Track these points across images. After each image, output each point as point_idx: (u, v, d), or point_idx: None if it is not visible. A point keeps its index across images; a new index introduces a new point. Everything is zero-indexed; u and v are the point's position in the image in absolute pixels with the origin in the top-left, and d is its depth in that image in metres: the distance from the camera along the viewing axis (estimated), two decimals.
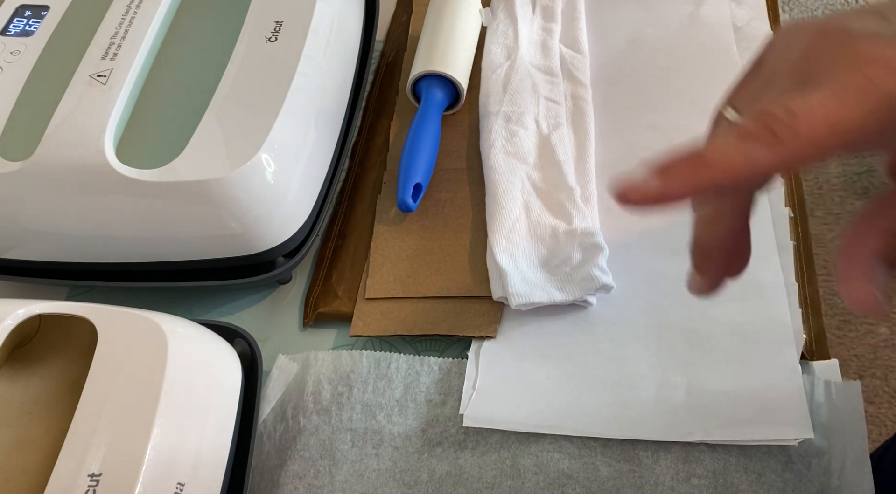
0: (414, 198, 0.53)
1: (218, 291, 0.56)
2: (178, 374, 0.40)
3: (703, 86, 0.59)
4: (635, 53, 0.62)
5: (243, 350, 0.49)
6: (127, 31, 0.53)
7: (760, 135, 0.25)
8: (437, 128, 0.57)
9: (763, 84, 0.30)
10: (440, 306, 0.51)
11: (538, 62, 0.61)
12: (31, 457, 0.42)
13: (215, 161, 0.47)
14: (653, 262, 0.51)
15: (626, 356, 0.48)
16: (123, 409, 0.39)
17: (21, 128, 0.50)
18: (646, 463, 0.44)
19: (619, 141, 0.58)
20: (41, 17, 0.56)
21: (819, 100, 0.25)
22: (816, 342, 0.47)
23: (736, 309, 0.48)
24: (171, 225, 0.48)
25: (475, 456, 0.46)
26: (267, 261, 0.51)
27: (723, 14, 0.63)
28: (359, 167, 0.61)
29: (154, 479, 0.37)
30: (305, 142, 0.51)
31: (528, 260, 0.51)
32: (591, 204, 0.53)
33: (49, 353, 0.47)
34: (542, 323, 0.50)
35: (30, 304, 0.43)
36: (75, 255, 0.52)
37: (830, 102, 0.25)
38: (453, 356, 0.50)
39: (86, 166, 0.47)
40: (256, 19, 0.54)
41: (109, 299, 0.47)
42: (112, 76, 0.50)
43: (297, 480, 0.46)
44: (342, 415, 0.48)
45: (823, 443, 0.43)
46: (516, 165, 0.55)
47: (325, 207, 0.54)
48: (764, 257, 0.50)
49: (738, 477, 0.43)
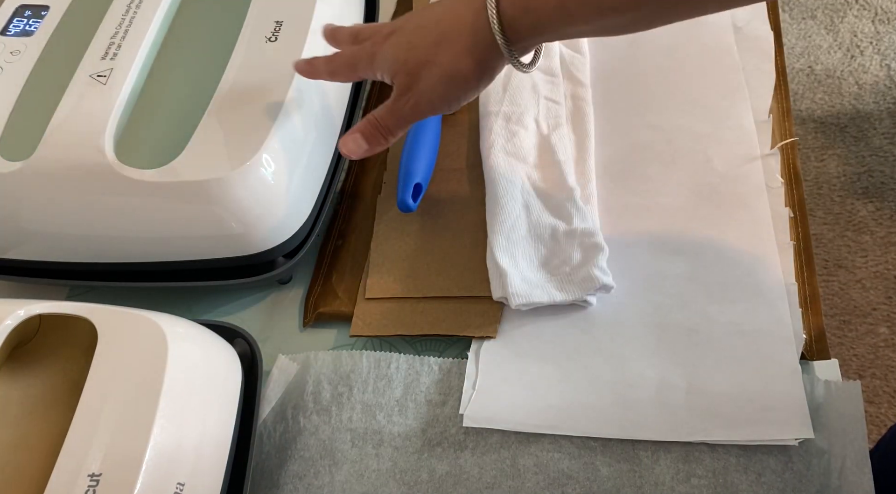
0: (414, 198, 0.53)
1: (218, 291, 0.56)
2: (178, 374, 0.40)
3: (703, 86, 0.59)
4: (635, 53, 0.63)
5: (243, 350, 0.49)
6: (127, 31, 0.53)
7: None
8: (437, 128, 0.57)
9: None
10: (440, 306, 0.51)
11: (538, 62, 0.61)
12: (31, 457, 0.42)
13: (215, 161, 0.47)
14: (653, 262, 0.51)
15: (626, 356, 0.48)
16: (123, 409, 0.39)
17: (21, 128, 0.50)
18: (646, 463, 0.44)
19: (619, 141, 0.58)
20: (41, 17, 0.56)
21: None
22: (816, 342, 0.47)
23: (736, 309, 0.48)
24: (171, 225, 0.48)
25: (475, 456, 0.46)
26: (267, 261, 0.51)
27: (723, 14, 0.63)
28: (359, 167, 0.61)
29: (154, 479, 0.37)
30: (305, 141, 0.51)
31: (528, 260, 0.51)
32: (591, 204, 0.53)
33: (49, 353, 0.47)
34: (542, 323, 0.50)
35: (30, 304, 0.43)
36: (75, 255, 0.52)
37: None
38: (453, 356, 0.50)
39: (86, 166, 0.47)
40: (256, 19, 0.54)
41: (109, 299, 0.47)
42: (112, 76, 0.50)
43: (297, 480, 0.46)
44: (342, 415, 0.48)
45: (823, 443, 0.43)
46: (516, 165, 0.55)
47: (325, 207, 0.54)
48: (764, 257, 0.50)
49: (738, 477, 0.43)
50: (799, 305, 0.48)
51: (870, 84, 1.54)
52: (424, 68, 0.43)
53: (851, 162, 1.45)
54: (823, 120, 1.51)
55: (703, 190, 0.54)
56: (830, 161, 1.45)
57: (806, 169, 1.45)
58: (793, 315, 0.48)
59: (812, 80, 1.56)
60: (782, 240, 0.51)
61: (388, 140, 0.47)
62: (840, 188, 1.42)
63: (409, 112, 0.45)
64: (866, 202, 1.40)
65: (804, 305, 0.48)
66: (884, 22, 1.63)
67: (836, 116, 1.51)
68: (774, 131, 0.56)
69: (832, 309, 1.27)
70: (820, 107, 1.52)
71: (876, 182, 1.42)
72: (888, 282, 1.30)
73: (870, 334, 1.25)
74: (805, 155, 1.47)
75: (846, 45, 1.60)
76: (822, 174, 1.44)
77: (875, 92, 1.53)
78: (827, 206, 1.40)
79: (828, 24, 1.64)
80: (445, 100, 0.44)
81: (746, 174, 0.54)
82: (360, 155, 0.47)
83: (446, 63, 0.43)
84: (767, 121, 0.56)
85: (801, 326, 0.47)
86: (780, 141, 0.56)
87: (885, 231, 1.36)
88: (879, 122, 1.49)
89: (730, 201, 0.53)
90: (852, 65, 1.57)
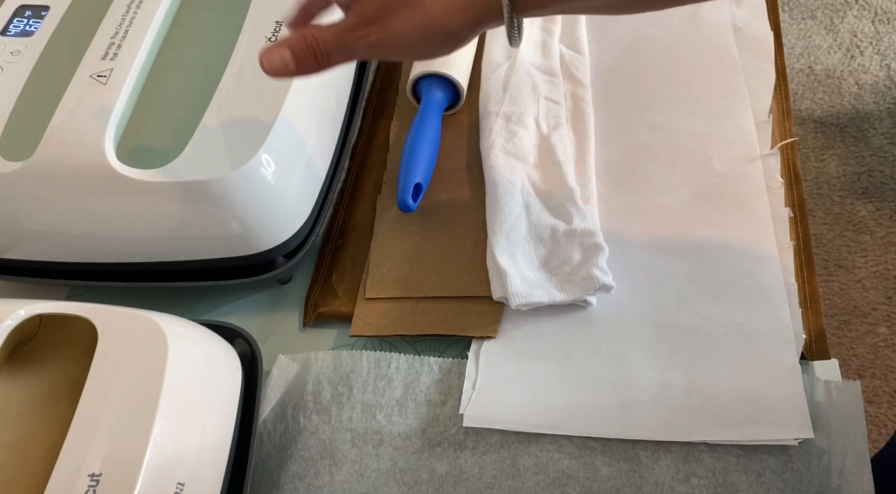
0: (414, 198, 0.53)
1: (218, 291, 0.56)
2: (178, 374, 0.40)
3: (703, 86, 0.59)
4: (635, 53, 0.63)
5: (243, 350, 0.49)
6: (127, 31, 0.53)
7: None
8: (437, 128, 0.57)
9: None
10: (440, 306, 0.51)
11: (538, 62, 0.61)
12: (31, 457, 0.42)
13: (215, 161, 0.47)
14: (653, 262, 0.51)
15: (626, 356, 0.48)
16: (123, 409, 0.39)
17: (21, 128, 0.50)
18: (646, 463, 0.44)
19: (619, 141, 0.58)
20: (41, 17, 0.56)
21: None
22: (816, 342, 0.47)
23: (736, 309, 0.48)
24: (171, 225, 0.48)
25: (475, 456, 0.46)
26: (267, 261, 0.51)
27: (723, 14, 0.63)
28: (359, 167, 0.61)
29: (154, 479, 0.37)
30: (305, 142, 0.51)
31: (528, 260, 0.51)
32: (591, 204, 0.53)
33: (49, 353, 0.47)
34: (542, 323, 0.50)
35: (30, 304, 0.43)
36: (75, 255, 0.52)
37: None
38: (453, 356, 0.50)
39: (86, 166, 0.47)
40: (256, 19, 0.54)
41: (109, 299, 0.47)
42: (112, 76, 0.50)
43: (297, 480, 0.46)
44: (342, 415, 0.48)
45: (823, 443, 0.43)
46: (516, 165, 0.55)
47: (325, 207, 0.54)
48: (764, 257, 0.50)
49: (738, 477, 0.43)
50: (799, 305, 0.48)
51: (870, 84, 1.54)
52: (406, 7, 0.38)
53: (851, 162, 1.45)
54: (823, 120, 1.51)
55: (703, 190, 0.54)
56: (830, 161, 1.45)
57: (806, 169, 1.45)
58: (793, 315, 0.48)
59: (812, 80, 1.56)
60: (782, 240, 0.51)
61: (321, 67, 0.40)
62: (840, 188, 1.42)
63: (364, 48, 0.39)
64: (866, 202, 1.40)
65: (804, 305, 0.48)
66: (884, 22, 1.63)
67: (836, 116, 1.51)
68: (774, 131, 0.56)
69: (832, 309, 1.27)
70: (820, 107, 1.52)
71: (876, 182, 1.42)
72: (888, 282, 1.30)
73: (870, 334, 1.25)
74: (805, 155, 1.47)
75: (846, 46, 1.60)
76: (822, 174, 1.44)
77: (875, 92, 1.53)
78: (827, 206, 1.40)
79: (828, 25, 1.64)
80: (412, 51, 0.40)
81: (746, 174, 0.54)
82: (282, 75, 0.40)
83: (435, 12, 0.37)
84: (767, 121, 0.56)
85: (800, 326, 0.47)
86: (780, 141, 0.56)
87: (885, 231, 1.36)
88: (879, 122, 1.49)
89: (730, 201, 0.53)
90: (852, 65, 1.57)
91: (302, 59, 0.40)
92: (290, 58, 0.40)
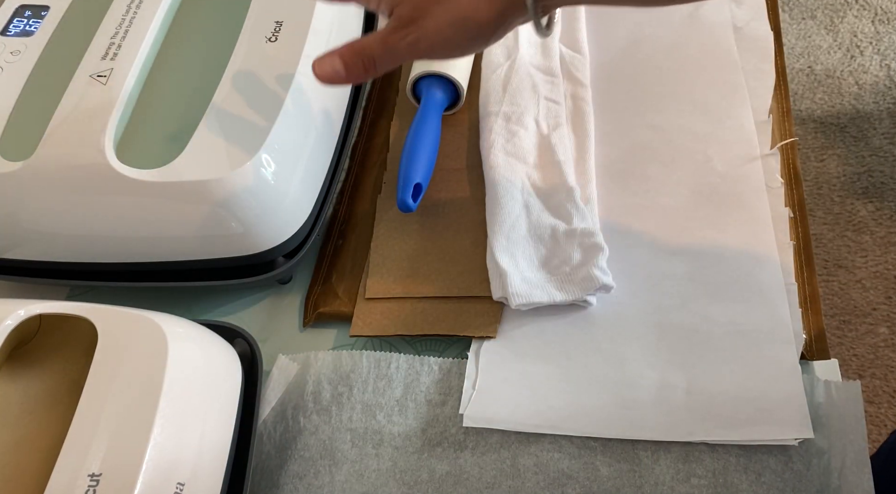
0: (414, 198, 0.53)
1: (218, 291, 0.56)
2: (178, 374, 0.40)
3: (703, 86, 0.59)
4: (635, 53, 0.63)
5: (243, 350, 0.49)
6: (127, 31, 0.53)
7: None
8: (437, 128, 0.57)
9: None
10: (440, 306, 0.51)
11: (538, 62, 0.61)
12: (31, 457, 0.42)
13: (215, 161, 0.47)
14: (653, 262, 0.51)
15: (626, 356, 0.48)
16: (123, 409, 0.39)
17: (21, 128, 0.50)
18: (646, 463, 0.44)
19: (619, 141, 0.58)
20: (41, 17, 0.56)
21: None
22: (816, 342, 0.47)
23: (736, 309, 0.48)
24: (171, 225, 0.48)
25: (475, 456, 0.46)
26: (267, 261, 0.51)
27: (723, 14, 0.63)
28: (359, 167, 0.61)
29: (154, 479, 0.37)
30: (305, 142, 0.51)
31: (528, 260, 0.51)
32: (591, 204, 0.53)
33: (49, 353, 0.47)
34: (542, 323, 0.50)
35: (30, 304, 0.43)
36: (75, 255, 0.52)
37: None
38: (453, 356, 0.50)
39: (86, 166, 0.47)
40: (256, 19, 0.54)
41: (109, 299, 0.47)
42: (112, 76, 0.50)
43: (297, 480, 0.46)
44: (342, 415, 0.48)
45: (823, 443, 0.43)
46: (516, 165, 0.55)
47: (325, 207, 0.54)
48: (764, 257, 0.50)
49: (738, 477, 0.43)
50: (799, 305, 0.48)
51: (870, 84, 1.54)
52: (438, 4, 0.40)
53: (851, 162, 1.45)
54: (823, 120, 1.51)
55: (703, 190, 0.54)
56: (830, 161, 1.45)
57: (806, 169, 1.45)
58: (793, 315, 0.48)
59: (812, 80, 1.56)
60: (782, 240, 0.51)
61: (369, 73, 0.42)
62: (840, 188, 1.42)
63: (405, 49, 0.41)
64: (866, 202, 1.40)
65: (804, 305, 0.48)
66: (884, 22, 1.63)
67: (836, 116, 1.51)
68: (774, 131, 0.56)
69: (832, 309, 1.27)
70: (820, 107, 1.52)
71: (876, 182, 1.42)
72: (888, 282, 1.30)
73: (870, 334, 1.26)
74: (805, 155, 1.47)
75: (846, 45, 1.60)
76: (822, 174, 1.44)
77: (875, 92, 1.53)
78: (827, 206, 1.40)
79: (828, 25, 1.64)
80: (449, 46, 0.41)
81: (746, 174, 0.54)
82: (333, 82, 0.43)
83: (465, 4, 0.39)
84: (767, 121, 0.56)
85: (800, 326, 0.47)
86: (780, 141, 0.56)
87: (885, 231, 1.36)
88: (879, 122, 1.49)
89: (730, 201, 0.53)
90: (852, 65, 1.57)
91: (351, 65, 0.42)
92: (341, 65, 0.42)
